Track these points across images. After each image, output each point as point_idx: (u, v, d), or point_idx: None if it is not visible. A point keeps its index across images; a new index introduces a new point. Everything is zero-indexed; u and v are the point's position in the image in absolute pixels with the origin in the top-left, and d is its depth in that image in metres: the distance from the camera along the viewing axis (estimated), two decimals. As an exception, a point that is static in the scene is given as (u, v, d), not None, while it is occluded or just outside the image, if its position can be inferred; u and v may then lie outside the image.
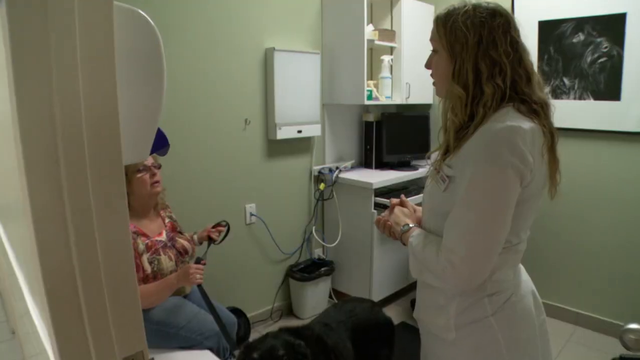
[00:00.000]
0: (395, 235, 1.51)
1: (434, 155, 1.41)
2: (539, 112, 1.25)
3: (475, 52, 1.23)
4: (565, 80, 3.28)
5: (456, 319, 1.32)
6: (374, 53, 3.89)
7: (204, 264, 2.31)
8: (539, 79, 1.30)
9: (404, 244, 1.44)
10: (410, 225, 1.45)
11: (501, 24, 1.24)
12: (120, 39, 0.78)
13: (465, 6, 1.27)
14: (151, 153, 0.89)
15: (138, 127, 0.84)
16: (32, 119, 0.67)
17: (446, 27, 1.28)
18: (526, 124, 1.19)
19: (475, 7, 1.26)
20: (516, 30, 1.27)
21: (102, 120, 0.72)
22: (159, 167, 2.33)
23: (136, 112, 0.83)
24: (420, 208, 1.60)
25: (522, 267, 1.44)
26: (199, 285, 2.25)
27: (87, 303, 0.75)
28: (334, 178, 3.62)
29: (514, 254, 1.32)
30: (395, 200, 1.61)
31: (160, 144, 0.93)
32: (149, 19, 0.82)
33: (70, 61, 0.68)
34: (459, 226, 1.20)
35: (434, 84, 1.40)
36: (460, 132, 1.27)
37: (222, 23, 2.98)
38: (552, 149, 1.27)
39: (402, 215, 1.52)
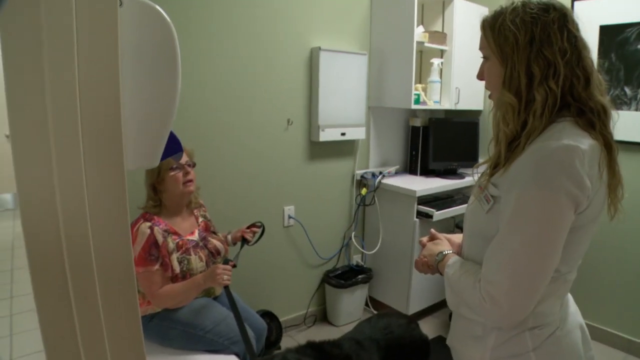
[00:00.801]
0: (432, 268, 1.39)
1: (482, 169, 1.29)
2: (595, 123, 1.11)
3: (528, 53, 1.10)
4: (627, 90, 3.07)
5: (493, 352, 1.20)
6: (424, 56, 3.76)
7: (233, 266, 2.26)
8: (600, 80, 1.15)
9: (441, 274, 1.32)
10: (445, 252, 1.34)
11: (556, 19, 1.10)
12: (129, 36, 0.72)
13: (513, 4, 1.15)
14: (163, 158, 0.82)
15: (148, 130, 0.78)
16: (23, 120, 0.62)
17: (494, 29, 1.16)
18: (585, 143, 1.05)
19: (525, 4, 1.13)
20: (574, 24, 1.13)
21: (103, 121, 0.66)
22: (194, 165, 2.30)
23: (146, 115, 0.76)
24: (454, 236, 1.49)
25: (570, 298, 1.30)
26: (226, 288, 2.19)
27: (79, 315, 0.69)
28: (376, 183, 3.51)
29: (562, 283, 1.18)
30: (425, 239, 1.51)
31: (174, 149, 0.86)
32: (162, 12, 0.75)
33: (66, 60, 0.62)
34: (501, 255, 1.08)
35: (490, 96, 1.27)
36: (513, 143, 1.14)
37: (268, 21, 2.92)
38: (611, 165, 1.12)
39: (435, 245, 1.41)
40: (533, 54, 1.10)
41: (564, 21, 1.11)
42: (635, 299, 3.17)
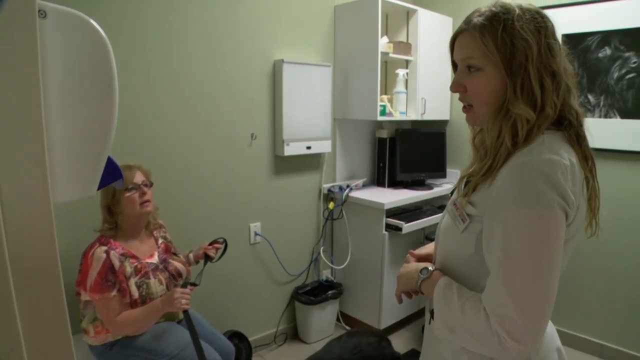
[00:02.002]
0: (411, 287, 1.26)
1: (455, 180, 1.22)
2: (581, 137, 1.07)
3: (538, 64, 1.03)
4: (590, 97, 3.10)
5: None
6: (389, 66, 3.74)
7: (192, 289, 2.17)
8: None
9: (422, 293, 1.22)
10: (430, 268, 1.21)
11: (552, 30, 1.06)
12: (55, 51, 0.63)
13: (512, 10, 1.05)
14: (101, 187, 0.74)
15: (81, 156, 0.69)
16: None
17: (496, 37, 1.04)
18: (566, 157, 1.00)
19: (524, 11, 1.05)
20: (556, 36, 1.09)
21: (22, 148, 0.58)
22: (151, 185, 2.20)
23: (78, 139, 0.68)
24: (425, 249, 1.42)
25: None
26: (185, 312, 2.09)
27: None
28: (344, 197, 3.45)
29: None
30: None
31: (112, 176, 0.77)
32: (95, 24, 0.67)
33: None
34: (508, 287, 0.98)
35: (466, 108, 1.16)
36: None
37: (229, 34, 2.85)
38: (592, 178, 1.08)
39: (414, 264, 1.31)
40: (542, 65, 1.03)
41: (554, 33, 1.07)
42: (606, 304, 3.20)
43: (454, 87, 1.15)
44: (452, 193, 1.29)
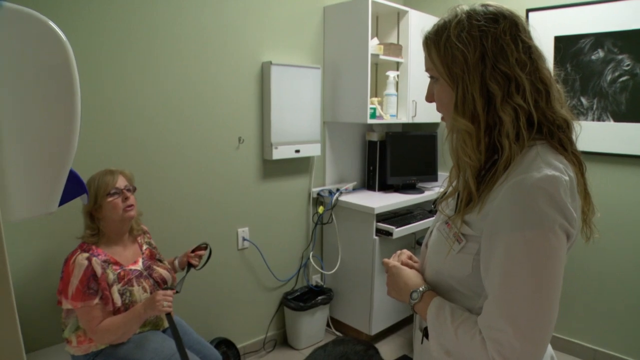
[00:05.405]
0: (403, 300, 1.21)
1: (443, 203, 1.15)
2: (565, 143, 1.02)
3: (481, 70, 0.98)
4: (583, 100, 3.07)
5: None
6: (379, 68, 3.70)
7: (175, 292, 2.11)
8: (559, 90, 1.04)
9: (416, 313, 1.18)
10: (421, 289, 1.15)
11: (507, 28, 0.99)
12: (4, 50, 0.57)
13: (456, 16, 1.02)
14: (63, 202, 0.67)
15: (39, 170, 0.63)
16: None
17: (439, 47, 1.03)
18: (563, 170, 0.95)
19: (470, 15, 1.01)
20: (526, 32, 1.02)
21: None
22: (134, 190, 2.15)
23: (35, 152, 0.62)
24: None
25: None
26: (169, 316, 2.03)
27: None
28: (334, 201, 3.40)
29: None
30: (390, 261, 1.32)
31: (75, 191, 0.71)
32: (53, 26, 0.61)
33: None
34: (511, 314, 0.93)
35: (442, 118, 1.14)
36: (487, 174, 1.02)
37: (216, 35, 2.79)
38: (584, 185, 1.04)
39: (416, 277, 1.22)
40: (488, 71, 0.98)
41: (516, 30, 1.00)
42: (599, 309, 3.17)
43: (427, 97, 1.14)
44: (434, 203, 1.24)
